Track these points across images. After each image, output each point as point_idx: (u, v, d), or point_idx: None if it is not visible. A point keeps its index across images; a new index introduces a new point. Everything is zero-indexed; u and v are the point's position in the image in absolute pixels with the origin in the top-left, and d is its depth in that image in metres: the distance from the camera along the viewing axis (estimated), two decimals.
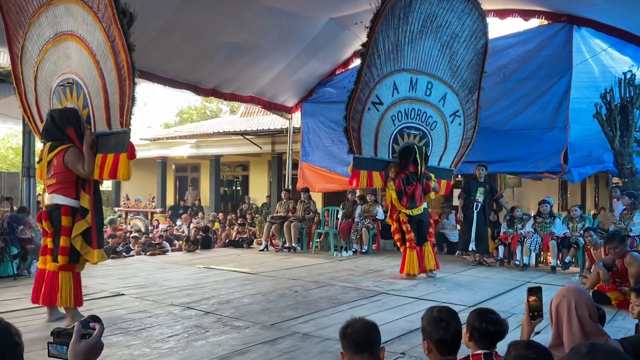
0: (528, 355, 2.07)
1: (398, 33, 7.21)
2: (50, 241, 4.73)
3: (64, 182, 4.71)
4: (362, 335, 2.09)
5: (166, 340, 4.20)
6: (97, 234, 4.77)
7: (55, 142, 4.79)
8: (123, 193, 20.38)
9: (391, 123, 7.51)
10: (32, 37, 5.26)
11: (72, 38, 4.86)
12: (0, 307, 5.26)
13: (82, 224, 4.68)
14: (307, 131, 12.22)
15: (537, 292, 2.50)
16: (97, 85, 4.69)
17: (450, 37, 7.62)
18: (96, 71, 4.67)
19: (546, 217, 8.58)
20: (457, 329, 2.23)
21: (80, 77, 4.85)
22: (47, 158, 4.79)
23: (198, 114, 33.55)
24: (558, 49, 9.14)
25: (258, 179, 19.21)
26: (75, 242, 4.67)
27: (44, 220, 4.75)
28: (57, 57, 5.04)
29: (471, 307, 5.53)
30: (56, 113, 4.87)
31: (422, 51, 7.48)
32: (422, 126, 7.77)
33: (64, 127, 4.78)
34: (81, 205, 4.71)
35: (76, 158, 4.68)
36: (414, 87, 7.56)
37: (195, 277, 7.31)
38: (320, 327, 4.60)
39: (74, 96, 4.93)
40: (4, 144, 26.94)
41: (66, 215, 4.65)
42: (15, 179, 12.39)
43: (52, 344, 1.50)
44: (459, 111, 8.06)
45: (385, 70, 7.28)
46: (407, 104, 7.58)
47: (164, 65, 9.40)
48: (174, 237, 12.77)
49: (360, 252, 10.25)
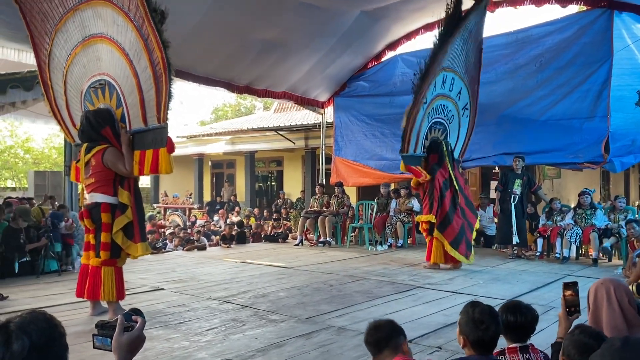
0: (583, 340, 2.01)
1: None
2: (92, 237, 4.88)
3: (102, 180, 4.83)
4: (373, 336, 2.29)
5: (204, 333, 4.29)
6: (139, 227, 4.88)
7: (92, 143, 4.92)
8: (161, 190, 20.80)
9: (427, 119, 7.67)
10: (59, 42, 5.37)
11: (102, 40, 4.96)
12: (46, 302, 5.47)
13: (123, 219, 4.80)
14: (340, 125, 12.21)
15: (573, 286, 2.45)
16: (132, 84, 4.78)
17: (469, 33, 7.81)
18: (129, 70, 4.77)
19: (587, 209, 8.35)
20: (496, 331, 2.17)
21: (112, 78, 4.95)
22: (84, 159, 4.94)
23: (233, 111, 33.97)
24: (598, 35, 8.83)
25: (292, 174, 19.33)
26: (116, 237, 4.80)
27: (85, 218, 4.91)
28: (87, 60, 5.15)
29: (509, 300, 5.45)
30: (91, 114, 4.97)
31: (453, 49, 7.62)
32: (444, 120, 8.02)
33: (100, 128, 4.89)
34: (120, 201, 4.83)
35: (115, 157, 4.80)
36: (444, 84, 7.78)
37: (232, 272, 7.43)
38: (355, 321, 4.61)
39: (107, 97, 5.03)
40: (47, 143, 27.85)
41: (105, 212, 4.78)
42: (59, 178, 12.84)
43: (97, 336, 1.56)
44: (467, 104, 8.35)
45: (436, 69, 7.46)
46: (439, 101, 7.81)
47: (198, 63, 9.55)
48: (211, 232, 12.98)
49: (395, 246, 10.21)
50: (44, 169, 23.31)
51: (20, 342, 1.19)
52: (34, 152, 27.23)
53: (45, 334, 1.23)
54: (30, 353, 1.19)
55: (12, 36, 7.27)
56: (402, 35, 10.86)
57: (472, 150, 9.92)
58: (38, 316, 1.26)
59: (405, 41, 11.02)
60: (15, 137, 26.35)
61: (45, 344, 1.22)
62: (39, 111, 9.72)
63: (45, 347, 1.22)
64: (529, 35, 9.52)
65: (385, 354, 2.21)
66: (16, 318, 1.25)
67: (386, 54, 11.35)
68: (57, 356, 1.26)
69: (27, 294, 5.93)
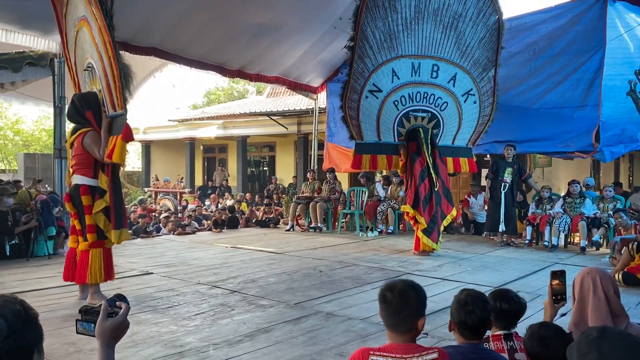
0: (542, 334, 2.16)
1: (388, 22, 7.47)
2: (77, 222, 4.86)
3: (83, 163, 4.82)
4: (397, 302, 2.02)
5: (193, 318, 4.29)
6: (115, 214, 4.80)
7: (77, 126, 4.93)
8: (152, 174, 20.74)
9: (394, 108, 7.80)
10: (68, 25, 5.40)
11: (84, 22, 4.95)
12: (35, 285, 5.45)
13: (101, 203, 4.78)
14: (333, 111, 12.15)
15: (561, 275, 2.48)
16: (100, 68, 4.75)
17: (453, 18, 7.62)
18: (97, 54, 4.74)
19: (576, 198, 8.41)
20: (480, 316, 2.16)
21: (94, 61, 4.93)
22: (70, 140, 4.96)
23: (225, 95, 33.74)
24: (591, 23, 8.83)
25: (284, 160, 19.31)
26: (98, 220, 4.78)
27: (65, 202, 4.91)
28: (83, 41, 5.12)
29: (497, 287, 5.50)
30: (76, 97, 4.99)
31: (421, 36, 7.60)
32: (431, 108, 7.93)
33: (83, 111, 4.88)
34: (99, 185, 4.80)
35: (93, 141, 4.76)
36: (417, 72, 7.75)
37: (222, 257, 7.43)
38: (343, 307, 4.64)
39: (95, 80, 4.99)
40: (37, 126, 27.59)
41: (85, 195, 4.75)
42: (49, 160, 12.75)
43: (80, 321, 1.55)
44: (472, 90, 8.05)
45: (380, 59, 7.62)
46: (410, 88, 7.80)
47: (190, 46, 9.45)
48: (202, 217, 12.96)
49: (386, 233, 10.25)
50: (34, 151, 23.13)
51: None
52: (23, 134, 27.00)
53: (21, 317, 1.21)
54: (8, 336, 1.17)
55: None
56: None
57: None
58: (9, 299, 1.24)
59: None
60: (5, 118, 26.09)
61: (22, 326, 1.20)
62: (28, 93, 9.63)
63: (22, 330, 1.20)
64: (523, 22, 9.49)
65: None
66: None
67: None
68: (34, 339, 1.23)
69: (15, 277, 5.91)
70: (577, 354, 1.37)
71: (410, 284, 2.01)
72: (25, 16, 7.30)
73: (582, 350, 1.36)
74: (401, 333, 1.94)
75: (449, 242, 8.91)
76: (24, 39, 7.71)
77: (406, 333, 1.94)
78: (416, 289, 1.99)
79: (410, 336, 1.95)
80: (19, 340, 1.19)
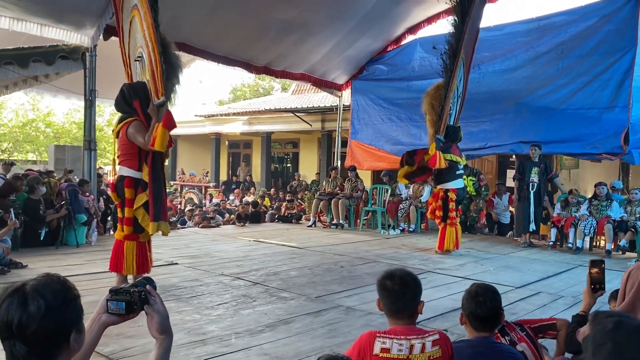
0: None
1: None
2: (120, 211, 4.96)
3: (127, 153, 4.86)
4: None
5: (215, 307, 4.39)
6: (153, 206, 4.81)
7: (124, 115, 4.97)
8: (178, 167, 20.99)
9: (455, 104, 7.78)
10: (124, 18, 5.51)
11: (135, 11, 5.03)
12: (63, 272, 5.57)
13: (142, 197, 4.81)
14: (357, 109, 12.19)
15: (600, 264, 2.47)
16: (147, 58, 4.83)
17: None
18: (144, 41, 4.81)
19: (602, 200, 8.28)
20: (491, 307, 2.20)
21: (144, 50, 4.99)
22: (116, 130, 4.99)
23: (251, 92, 33.94)
24: (622, 23, 8.65)
25: (308, 156, 19.36)
26: (137, 213, 4.82)
27: (111, 191, 4.97)
28: (135, 31, 5.20)
29: (518, 288, 5.48)
30: (125, 87, 5.02)
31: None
32: (454, 104, 7.90)
33: (131, 100, 4.91)
34: (143, 178, 4.83)
35: (137, 130, 4.78)
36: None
37: (245, 250, 7.53)
38: (363, 302, 4.68)
39: (146, 70, 5.01)
40: (67, 118, 28.13)
41: (128, 188, 4.80)
42: (78, 152, 13.02)
43: (111, 301, 1.60)
44: (462, 79, 8.04)
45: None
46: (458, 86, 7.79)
47: (217, 42, 9.57)
48: (226, 211, 13.11)
49: (407, 231, 10.24)
50: (64, 143, 23.61)
51: (36, 302, 1.23)
52: (54, 126, 27.53)
53: (60, 296, 1.27)
54: (46, 314, 1.23)
55: (35, 10, 7.37)
56: (423, 19, 10.77)
57: (489, 138, 9.85)
58: (52, 278, 1.31)
59: (425, 25, 10.92)
60: (37, 111, 26.66)
61: (60, 305, 1.27)
62: (60, 85, 9.85)
63: (61, 309, 1.27)
64: (551, 22, 9.37)
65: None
66: (31, 281, 1.30)
67: (406, 38, 11.25)
68: (73, 318, 1.30)
69: (45, 263, 6.09)
70: (593, 345, 1.39)
71: (407, 272, 2.18)
72: (59, 11, 7.50)
73: (597, 341, 1.37)
74: (404, 317, 2.11)
75: (472, 242, 8.87)
76: (57, 33, 7.92)
77: (408, 317, 2.11)
78: (412, 275, 2.17)
79: (412, 320, 2.12)
80: (58, 318, 1.26)
